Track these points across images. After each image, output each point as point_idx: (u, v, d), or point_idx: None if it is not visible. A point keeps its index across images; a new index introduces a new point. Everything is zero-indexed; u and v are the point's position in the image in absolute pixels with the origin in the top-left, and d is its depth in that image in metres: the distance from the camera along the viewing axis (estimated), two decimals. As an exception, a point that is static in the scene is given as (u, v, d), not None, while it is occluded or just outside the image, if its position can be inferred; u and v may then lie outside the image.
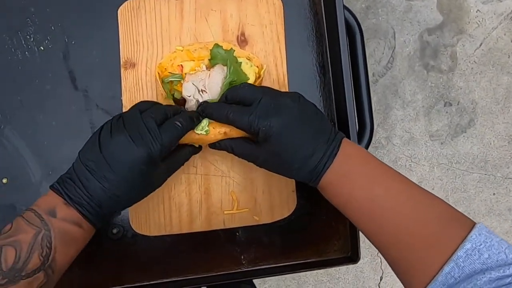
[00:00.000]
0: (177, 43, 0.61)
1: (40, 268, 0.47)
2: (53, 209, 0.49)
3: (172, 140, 0.51)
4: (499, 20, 1.50)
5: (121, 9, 0.61)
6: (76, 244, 0.50)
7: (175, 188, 0.61)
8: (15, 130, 0.61)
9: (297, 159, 0.51)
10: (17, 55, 0.61)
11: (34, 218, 0.48)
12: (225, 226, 0.62)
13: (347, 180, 0.51)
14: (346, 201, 0.51)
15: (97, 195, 0.49)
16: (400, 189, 0.50)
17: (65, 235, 0.49)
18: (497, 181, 1.53)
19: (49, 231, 0.48)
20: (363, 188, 0.50)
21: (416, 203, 0.49)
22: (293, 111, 0.51)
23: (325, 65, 0.65)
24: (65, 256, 0.49)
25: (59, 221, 0.49)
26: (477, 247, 0.43)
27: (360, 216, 0.51)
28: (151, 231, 0.61)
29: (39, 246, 0.47)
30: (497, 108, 1.51)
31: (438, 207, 0.49)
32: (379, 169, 0.52)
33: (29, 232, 0.47)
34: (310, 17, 0.65)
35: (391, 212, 0.49)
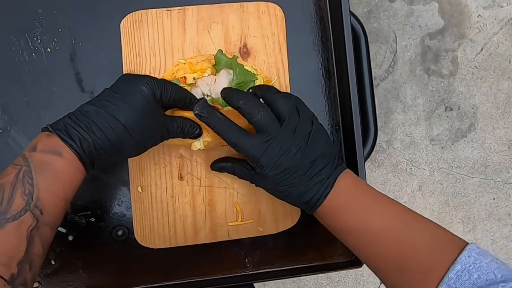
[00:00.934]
0: (180, 55, 0.61)
1: (25, 209, 0.43)
2: (35, 144, 0.47)
3: (174, 90, 0.53)
4: (500, 26, 1.50)
5: (123, 22, 0.61)
6: (61, 180, 0.46)
7: (179, 200, 0.61)
8: (21, 131, 0.61)
9: (291, 195, 0.53)
10: (24, 56, 0.62)
11: (19, 159, 0.46)
12: (229, 237, 0.62)
13: (341, 211, 0.53)
14: (341, 229, 0.53)
15: (87, 116, 0.47)
16: (393, 216, 0.52)
17: (45, 167, 0.45)
18: (497, 186, 1.53)
19: (29, 166, 0.45)
20: (356, 219, 0.52)
21: (410, 229, 0.50)
22: (297, 157, 0.52)
23: (330, 70, 0.66)
24: (51, 194, 0.45)
25: (38, 153, 0.46)
26: (467, 268, 0.45)
27: (355, 244, 0.53)
28: (155, 244, 0.61)
29: (21, 184, 0.44)
30: (498, 113, 1.52)
31: (431, 232, 0.50)
32: (372, 198, 0.53)
33: (12, 173, 0.44)
34: (316, 22, 0.65)
35: (384, 240, 0.50)
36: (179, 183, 0.61)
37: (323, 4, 0.66)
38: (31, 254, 0.43)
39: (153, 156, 0.60)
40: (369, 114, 0.71)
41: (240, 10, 0.62)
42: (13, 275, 0.42)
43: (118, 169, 0.62)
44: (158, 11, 0.61)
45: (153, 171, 0.60)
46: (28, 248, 0.43)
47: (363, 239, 0.51)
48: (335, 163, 0.54)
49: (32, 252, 0.44)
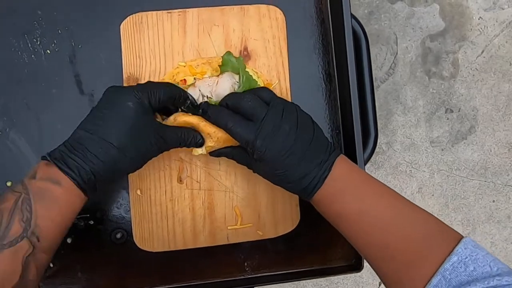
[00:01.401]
0: (180, 58, 0.61)
1: (22, 235, 0.44)
2: (35, 172, 0.47)
3: (163, 92, 0.52)
4: (501, 28, 1.50)
5: (123, 24, 0.61)
6: (59, 206, 0.47)
7: (178, 203, 0.61)
8: (20, 133, 0.61)
9: (289, 180, 0.53)
10: (23, 58, 0.61)
11: (18, 186, 0.47)
12: (228, 241, 0.62)
13: (336, 198, 0.53)
14: (336, 216, 0.53)
15: (81, 143, 0.47)
16: (388, 205, 0.51)
17: (43, 194, 0.46)
18: (497, 188, 1.53)
19: (28, 194, 0.46)
20: (351, 205, 0.52)
21: (404, 218, 0.50)
22: (291, 138, 0.52)
23: (331, 73, 0.65)
24: (49, 221, 0.46)
25: (37, 181, 0.46)
26: (463, 260, 0.45)
27: (350, 231, 0.53)
28: (155, 247, 0.61)
29: (19, 210, 0.45)
30: (498, 116, 1.51)
31: (426, 222, 0.50)
32: (369, 186, 0.53)
33: (11, 199, 0.45)
34: (316, 25, 0.65)
35: (377, 228, 0.50)
36: (179, 186, 0.61)
37: (324, 6, 0.65)
38: (25, 279, 0.45)
39: (152, 160, 0.60)
40: (369, 118, 0.71)
41: (240, 13, 0.62)
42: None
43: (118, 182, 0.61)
44: (158, 14, 0.61)
45: (153, 174, 0.60)
46: (23, 273, 0.44)
47: (358, 226, 0.51)
48: (329, 148, 0.54)
49: (27, 277, 0.45)
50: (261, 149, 0.51)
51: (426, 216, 0.51)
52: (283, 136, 0.52)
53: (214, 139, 0.55)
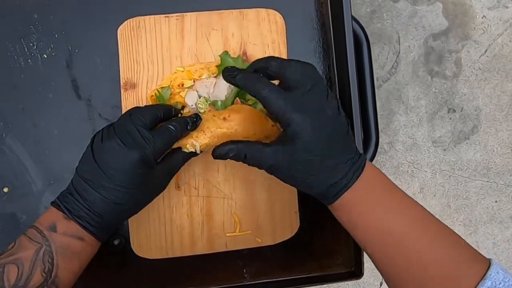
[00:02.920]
0: (178, 63, 0.60)
1: (43, 285, 0.46)
2: (54, 224, 0.48)
3: (165, 143, 0.50)
4: (504, 27, 1.49)
5: (120, 29, 0.60)
6: (79, 259, 0.49)
7: (176, 210, 0.60)
8: (16, 138, 0.60)
9: (319, 169, 0.47)
10: (19, 62, 0.61)
11: (36, 235, 0.47)
12: (227, 248, 0.61)
13: (365, 206, 0.49)
14: (358, 227, 0.50)
15: (96, 205, 0.49)
16: (417, 221, 0.48)
17: (66, 249, 0.48)
18: (499, 189, 1.52)
19: (50, 246, 0.47)
20: (379, 218, 0.48)
21: (434, 238, 0.47)
22: (332, 120, 0.48)
23: (331, 77, 0.64)
24: (68, 272, 0.48)
25: (59, 235, 0.48)
26: (497, 285, 0.43)
27: (372, 244, 0.49)
28: (152, 254, 0.60)
29: (41, 262, 0.46)
30: (501, 115, 1.50)
31: (455, 243, 0.48)
32: (398, 197, 0.50)
33: (31, 249, 0.47)
34: (317, 28, 0.64)
35: (405, 246, 0.47)
36: (176, 193, 0.60)
37: (324, 10, 0.64)
38: None
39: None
40: (370, 121, 0.70)
41: (239, 17, 0.61)
42: None
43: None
44: (156, 18, 0.60)
45: (150, 181, 0.59)
46: None
47: (381, 242, 0.48)
48: (357, 150, 0.50)
49: None
50: (300, 123, 0.46)
51: (454, 237, 0.48)
52: (324, 117, 0.47)
53: (208, 135, 0.52)
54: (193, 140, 0.53)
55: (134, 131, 0.48)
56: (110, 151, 0.48)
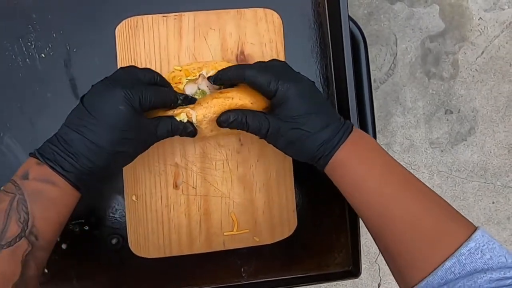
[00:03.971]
0: (176, 62, 0.60)
1: (20, 235, 0.44)
2: (27, 171, 0.47)
3: (154, 95, 0.50)
4: (501, 29, 1.49)
5: (118, 28, 0.60)
6: (54, 206, 0.47)
7: (174, 209, 0.60)
8: (15, 138, 0.60)
9: (310, 126, 0.50)
10: (17, 62, 0.61)
11: (10, 186, 0.46)
12: (225, 247, 0.61)
13: (360, 163, 0.50)
14: (355, 185, 0.51)
15: (72, 145, 0.47)
16: (410, 181, 0.50)
17: (39, 195, 0.46)
18: (496, 190, 1.52)
19: (23, 194, 0.45)
20: (376, 175, 0.50)
21: (426, 197, 0.49)
22: (310, 85, 0.53)
23: (328, 77, 0.65)
24: (46, 222, 0.46)
25: (31, 181, 0.46)
26: (480, 247, 0.44)
27: (368, 204, 0.50)
28: (150, 254, 0.60)
29: (15, 212, 0.45)
30: (498, 117, 1.51)
31: (444, 206, 0.49)
32: (390, 158, 0.52)
33: (5, 201, 0.45)
34: (314, 28, 0.64)
35: (401, 202, 0.48)
36: (174, 192, 0.60)
37: (321, 10, 0.65)
38: (26, 277, 0.45)
39: (147, 165, 0.59)
40: (368, 122, 0.70)
41: (237, 17, 0.61)
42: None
43: (113, 178, 0.61)
44: (154, 17, 0.60)
45: (148, 180, 0.59)
46: (23, 271, 0.44)
47: (375, 201, 0.49)
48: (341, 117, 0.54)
49: (27, 274, 0.45)
50: (285, 85, 0.50)
51: (443, 200, 0.50)
52: (303, 81, 0.52)
53: (204, 105, 0.52)
54: (190, 109, 0.53)
55: (126, 77, 0.51)
56: (99, 92, 0.49)
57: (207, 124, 0.53)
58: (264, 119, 0.52)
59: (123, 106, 0.48)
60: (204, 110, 0.52)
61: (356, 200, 0.52)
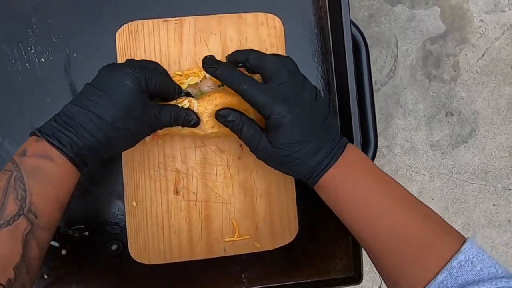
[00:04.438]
0: (176, 67, 0.60)
1: (19, 213, 0.43)
2: (25, 149, 0.46)
3: (160, 79, 0.51)
4: (502, 31, 1.49)
5: (119, 33, 0.60)
6: (51, 182, 0.46)
7: (174, 215, 0.60)
8: (14, 143, 0.60)
9: (302, 154, 0.50)
10: (17, 66, 0.60)
11: (9, 165, 0.46)
12: (226, 253, 0.61)
13: (348, 181, 0.51)
14: (344, 203, 0.51)
15: (73, 118, 0.46)
16: (399, 197, 0.50)
17: (36, 171, 0.45)
18: (497, 192, 1.52)
19: (20, 171, 0.44)
20: (364, 193, 0.50)
21: (414, 213, 0.49)
22: (310, 105, 0.51)
23: (330, 81, 0.64)
24: (45, 199, 0.45)
25: (29, 158, 0.45)
26: (470, 259, 0.44)
27: (357, 220, 0.51)
28: (150, 260, 0.60)
29: (13, 189, 0.44)
30: (499, 119, 1.50)
31: (433, 219, 0.50)
32: (380, 175, 0.52)
33: (3, 179, 0.44)
34: (315, 32, 0.64)
35: (388, 220, 0.49)
36: (175, 197, 0.60)
37: (323, 14, 0.64)
38: (27, 258, 0.43)
39: (148, 170, 0.59)
40: (369, 126, 0.70)
41: (238, 21, 0.61)
42: (10, 280, 0.42)
43: (113, 183, 0.60)
44: (154, 22, 0.60)
45: (148, 186, 0.59)
46: (24, 252, 0.43)
47: (364, 216, 0.50)
48: (339, 131, 0.53)
49: (28, 256, 0.43)
50: (280, 112, 0.48)
51: (432, 214, 0.50)
52: (302, 103, 0.50)
53: (205, 98, 0.53)
54: (192, 99, 0.53)
55: (134, 62, 0.53)
56: (106, 71, 0.50)
57: (208, 118, 0.53)
58: (258, 135, 0.51)
59: (129, 81, 0.48)
60: (206, 102, 0.53)
61: (344, 217, 0.52)
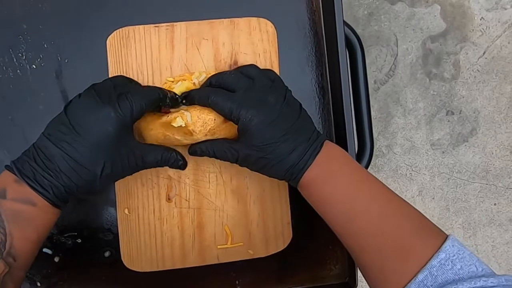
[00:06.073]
0: (168, 73, 0.59)
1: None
2: (4, 189, 0.45)
3: (144, 99, 0.49)
4: (503, 28, 1.48)
5: (110, 39, 0.59)
6: (35, 227, 0.46)
7: (167, 222, 0.59)
8: (6, 150, 0.60)
9: (276, 154, 0.50)
10: (8, 73, 0.60)
11: None
12: (219, 260, 0.60)
13: (329, 180, 0.51)
14: (325, 201, 0.51)
15: (52, 161, 0.45)
16: (379, 194, 0.50)
17: (17, 216, 0.44)
18: (498, 191, 1.51)
19: (0, 215, 0.44)
20: (344, 191, 0.50)
21: (394, 210, 0.49)
22: (278, 107, 0.51)
23: (324, 86, 0.64)
24: (25, 241, 0.45)
25: (9, 201, 0.45)
26: (451, 257, 0.44)
27: (338, 218, 0.51)
28: (143, 267, 0.59)
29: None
30: (500, 118, 1.49)
31: (414, 216, 0.49)
32: (361, 173, 0.52)
33: None
34: (309, 37, 0.63)
35: (368, 216, 0.48)
36: (167, 205, 0.59)
37: (317, 18, 0.64)
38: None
39: (140, 178, 0.59)
40: (365, 129, 0.69)
41: (230, 27, 0.60)
42: None
43: (105, 191, 0.60)
44: (145, 28, 0.59)
45: (140, 193, 0.59)
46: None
47: (345, 214, 0.50)
48: (316, 131, 0.53)
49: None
50: (247, 116, 0.49)
51: (415, 211, 0.50)
52: (269, 105, 0.50)
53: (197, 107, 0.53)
54: (184, 111, 0.52)
55: (111, 88, 0.49)
56: (85, 107, 0.47)
57: (201, 127, 0.52)
58: (231, 150, 0.52)
59: (112, 128, 0.46)
60: (197, 111, 0.52)
61: (326, 216, 0.52)
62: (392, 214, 0.49)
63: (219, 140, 0.53)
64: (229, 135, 0.54)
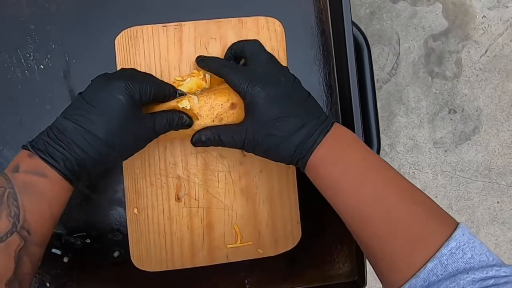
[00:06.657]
0: (176, 73, 0.59)
1: (12, 230, 0.43)
2: (18, 164, 0.45)
3: (154, 84, 0.50)
4: (505, 27, 1.48)
5: (118, 39, 0.59)
6: (45, 198, 0.46)
7: (176, 222, 0.59)
8: (14, 150, 0.60)
9: (283, 130, 0.49)
10: (16, 73, 0.60)
11: (1, 180, 0.45)
12: (228, 260, 0.60)
13: (338, 161, 0.49)
14: (334, 184, 0.49)
15: (65, 134, 0.46)
16: (391, 179, 0.48)
17: (29, 188, 0.45)
18: (501, 189, 1.51)
19: (13, 187, 0.44)
20: (354, 173, 0.48)
21: (406, 195, 0.47)
22: (288, 86, 0.51)
23: (332, 85, 0.64)
24: (38, 215, 0.45)
25: (21, 174, 0.45)
26: (461, 246, 0.43)
27: (347, 202, 0.49)
28: (152, 267, 0.59)
29: (6, 206, 0.44)
30: (502, 116, 1.49)
31: (425, 203, 0.47)
32: (371, 156, 0.50)
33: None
34: (317, 36, 0.63)
35: (379, 202, 0.47)
36: (176, 204, 0.59)
37: (324, 17, 0.64)
38: (20, 273, 0.43)
39: (149, 177, 0.59)
40: (372, 126, 0.69)
41: (238, 26, 0.60)
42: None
43: (114, 190, 0.60)
44: (154, 27, 0.59)
45: (150, 193, 0.59)
46: (17, 268, 0.43)
47: (355, 198, 0.48)
48: (325, 113, 0.52)
49: (21, 271, 0.44)
50: (255, 88, 0.49)
51: (425, 197, 0.48)
52: (279, 83, 0.51)
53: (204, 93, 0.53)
54: (191, 95, 0.53)
55: (125, 71, 0.52)
56: (98, 84, 0.49)
57: (208, 112, 0.52)
58: (238, 132, 0.51)
59: (122, 96, 0.47)
60: (205, 97, 0.52)
61: (334, 201, 0.50)
62: (403, 200, 0.47)
63: (225, 125, 0.53)
64: (237, 122, 0.53)
